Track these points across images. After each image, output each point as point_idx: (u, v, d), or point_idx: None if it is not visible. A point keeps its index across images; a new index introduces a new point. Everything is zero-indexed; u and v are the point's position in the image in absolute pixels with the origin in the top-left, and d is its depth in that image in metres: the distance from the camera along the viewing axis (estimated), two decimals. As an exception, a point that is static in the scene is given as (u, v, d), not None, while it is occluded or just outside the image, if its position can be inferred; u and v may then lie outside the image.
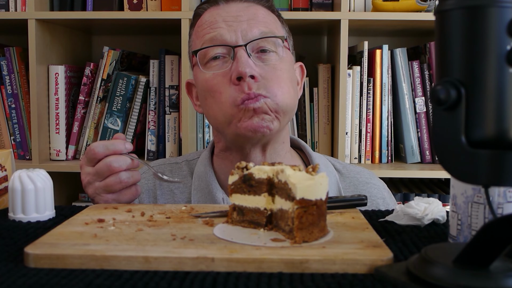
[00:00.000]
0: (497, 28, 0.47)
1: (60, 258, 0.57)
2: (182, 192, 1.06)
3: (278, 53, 0.98)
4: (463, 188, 0.63)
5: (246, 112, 0.93)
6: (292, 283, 0.52)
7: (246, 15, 0.98)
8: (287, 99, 0.96)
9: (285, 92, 0.96)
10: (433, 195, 1.62)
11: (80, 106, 1.65)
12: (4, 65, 1.63)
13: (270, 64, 0.96)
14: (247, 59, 0.94)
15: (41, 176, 0.78)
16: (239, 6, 1.00)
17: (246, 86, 0.92)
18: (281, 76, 0.96)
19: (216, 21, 0.98)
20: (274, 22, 1.02)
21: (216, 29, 0.97)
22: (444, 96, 0.49)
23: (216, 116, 0.97)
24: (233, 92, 0.93)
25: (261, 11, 1.01)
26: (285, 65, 0.99)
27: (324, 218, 0.64)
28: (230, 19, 0.98)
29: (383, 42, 1.61)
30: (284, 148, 1.05)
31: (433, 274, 0.50)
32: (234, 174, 0.70)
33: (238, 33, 0.96)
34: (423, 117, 1.60)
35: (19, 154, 1.67)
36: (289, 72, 0.99)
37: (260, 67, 0.95)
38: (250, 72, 0.92)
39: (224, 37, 0.96)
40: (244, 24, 0.97)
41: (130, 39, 1.93)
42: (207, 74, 0.97)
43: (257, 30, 0.97)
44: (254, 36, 0.96)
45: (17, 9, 1.65)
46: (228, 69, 0.95)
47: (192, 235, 0.64)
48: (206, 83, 0.97)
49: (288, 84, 0.98)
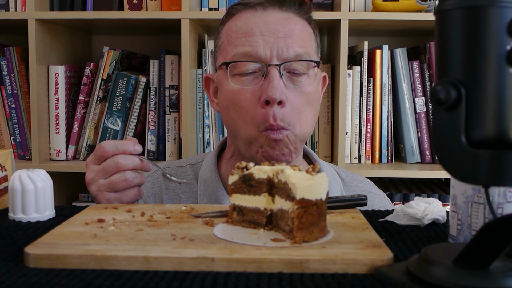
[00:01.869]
0: (497, 28, 0.47)
1: (60, 258, 0.57)
2: (189, 196, 1.06)
3: (309, 74, 0.97)
4: (463, 188, 0.63)
5: (269, 141, 0.93)
6: (292, 283, 0.52)
7: (284, 30, 0.95)
8: (306, 128, 0.97)
9: (305, 122, 0.96)
10: (433, 195, 1.62)
11: (80, 106, 1.65)
12: (4, 65, 1.63)
13: (299, 88, 0.95)
14: (279, 80, 0.92)
15: (41, 176, 0.78)
16: (277, 16, 0.96)
17: (272, 116, 0.91)
18: (305, 101, 0.96)
19: (253, 33, 0.94)
20: (309, 39, 0.99)
21: (252, 44, 0.94)
22: (444, 96, 0.49)
23: (238, 131, 0.97)
24: (259, 115, 0.93)
25: (298, 26, 0.97)
26: (312, 88, 0.97)
27: (324, 218, 0.64)
28: (268, 33, 0.94)
29: (383, 42, 1.61)
30: (298, 160, 1.06)
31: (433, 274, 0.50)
32: (234, 174, 0.70)
33: (274, 51, 0.93)
34: (423, 117, 1.60)
35: (19, 154, 1.67)
36: (314, 94, 0.99)
37: (288, 89, 0.94)
38: (279, 98, 0.91)
39: (259, 54, 0.93)
40: (281, 42, 0.94)
41: (130, 39, 1.93)
42: (235, 87, 0.95)
43: (292, 51, 0.94)
44: (289, 57, 0.94)
45: (17, 9, 1.65)
46: (258, 86, 0.93)
47: (192, 235, 0.64)
48: (233, 95, 0.95)
49: (309, 109, 0.97)
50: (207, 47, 1.62)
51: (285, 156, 0.95)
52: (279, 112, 0.92)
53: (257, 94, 0.93)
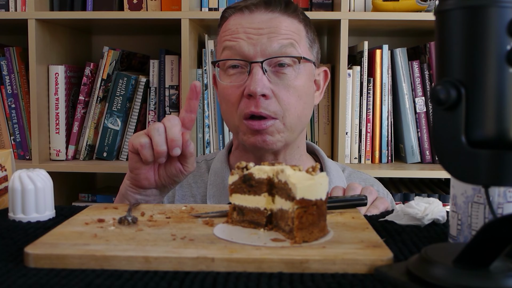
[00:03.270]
0: (497, 28, 0.47)
1: (60, 258, 0.57)
2: (199, 186, 1.12)
3: (295, 68, 1.00)
4: (463, 188, 0.63)
5: (250, 130, 0.99)
6: (292, 283, 0.52)
7: (268, 27, 0.99)
8: (295, 118, 1.00)
9: (294, 111, 1.00)
10: (433, 195, 1.62)
11: (80, 106, 1.65)
12: (4, 65, 1.63)
13: (285, 81, 0.99)
14: (261, 76, 0.97)
15: (41, 176, 0.78)
16: (263, 17, 1.01)
17: (254, 105, 0.97)
18: (293, 94, 1.00)
19: (237, 31, 1.00)
20: (297, 32, 1.03)
21: (237, 40, 1.00)
22: (444, 96, 0.49)
23: (228, 123, 1.06)
24: (242, 105, 0.99)
25: (284, 23, 1.01)
26: (300, 81, 1.01)
27: (324, 218, 0.64)
28: (251, 31, 0.99)
29: (383, 42, 1.61)
30: (299, 152, 1.10)
31: (433, 274, 0.50)
32: (234, 174, 0.70)
33: (257, 48, 0.98)
34: (423, 117, 1.60)
35: (19, 154, 1.67)
36: (303, 87, 1.02)
37: (274, 84, 0.98)
38: (261, 92, 0.96)
39: (242, 50, 0.99)
40: (264, 38, 0.99)
41: (130, 39, 1.93)
42: (224, 84, 1.03)
43: (277, 44, 0.98)
44: (273, 51, 0.98)
45: (17, 9, 1.65)
46: (243, 82, 0.99)
47: (192, 235, 0.64)
48: (223, 91, 1.03)
49: (299, 101, 1.01)
50: (207, 47, 1.62)
51: (268, 144, 0.99)
52: (263, 102, 0.97)
53: (242, 88, 1.00)
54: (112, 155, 1.65)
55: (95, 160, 1.67)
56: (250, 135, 0.99)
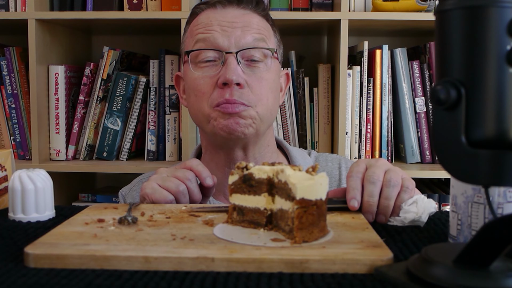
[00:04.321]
0: (497, 28, 0.47)
1: (60, 258, 0.57)
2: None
3: (266, 63, 1.04)
4: (463, 188, 0.63)
5: (222, 114, 0.99)
6: (292, 283, 0.52)
7: (241, 22, 1.03)
8: (266, 109, 1.03)
9: (266, 102, 1.02)
10: (433, 195, 1.62)
11: (80, 106, 1.65)
12: (4, 65, 1.63)
13: (257, 74, 1.02)
14: (236, 66, 0.99)
15: (41, 176, 0.78)
16: (235, 13, 1.04)
17: (228, 93, 0.98)
18: (265, 86, 1.02)
19: (211, 24, 1.02)
20: (267, 30, 1.07)
21: (211, 32, 1.02)
22: (444, 96, 0.49)
23: (197, 114, 1.04)
24: (215, 94, 0.99)
25: (256, 19, 1.05)
26: (271, 75, 1.04)
27: (324, 218, 0.64)
28: (225, 24, 1.02)
29: (383, 42, 1.61)
30: (269, 150, 1.11)
31: (433, 274, 0.50)
32: (234, 174, 0.70)
33: (231, 39, 1.01)
34: (423, 117, 1.60)
35: (19, 154, 1.67)
36: (274, 81, 1.06)
37: (247, 75, 1.01)
38: (236, 80, 0.98)
39: (217, 41, 1.01)
40: (238, 31, 1.01)
41: (130, 39, 1.93)
42: (196, 74, 1.02)
43: (250, 37, 1.01)
44: (246, 43, 1.01)
45: (17, 9, 1.65)
46: (216, 73, 1.00)
47: (192, 235, 0.64)
48: (194, 82, 1.02)
49: (270, 94, 1.04)
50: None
51: (241, 126, 0.99)
52: (237, 91, 0.99)
53: (215, 79, 1.00)
54: (112, 155, 1.65)
55: (95, 160, 1.67)
56: (222, 119, 0.99)
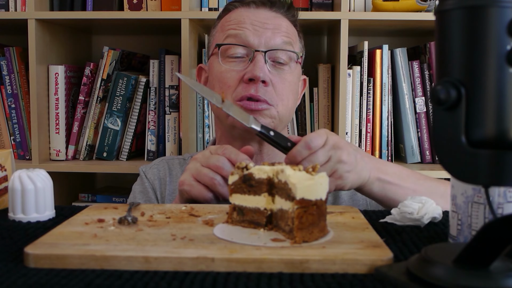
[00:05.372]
0: (497, 28, 0.47)
1: (60, 258, 0.57)
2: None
3: (291, 66, 1.08)
4: (463, 188, 0.63)
5: (245, 110, 1.01)
6: (292, 283, 0.52)
7: (272, 24, 1.07)
8: (286, 110, 1.07)
9: (286, 103, 1.06)
10: (433, 195, 1.62)
11: (80, 106, 1.65)
12: (4, 65, 1.63)
13: (281, 75, 1.06)
14: (263, 64, 1.03)
15: (41, 176, 0.78)
16: (267, 14, 1.09)
17: (254, 89, 1.01)
18: (287, 87, 1.07)
19: (244, 22, 1.07)
20: (294, 35, 1.12)
21: (242, 29, 1.06)
22: (444, 96, 0.49)
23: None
24: (240, 89, 1.03)
25: (285, 23, 1.10)
26: (293, 78, 1.09)
27: (324, 218, 0.64)
28: (257, 24, 1.06)
29: (383, 42, 1.61)
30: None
31: (433, 274, 0.50)
32: (234, 174, 0.70)
33: (261, 39, 1.05)
34: (423, 117, 1.60)
35: (19, 154, 1.67)
36: (295, 85, 1.10)
37: (272, 75, 1.05)
38: (263, 77, 1.01)
39: (248, 39, 1.05)
40: (268, 32, 1.06)
41: (130, 39, 1.93)
42: (223, 67, 1.06)
43: (279, 39, 1.06)
44: (275, 44, 1.05)
45: (17, 9, 1.65)
46: (243, 68, 1.04)
47: (192, 235, 0.64)
48: (220, 74, 1.06)
49: (291, 96, 1.08)
50: (207, 47, 1.62)
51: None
52: (262, 88, 1.02)
53: (241, 74, 1.04)
54: (112, 155, 1.65)
55: (95, 160, 1.67)
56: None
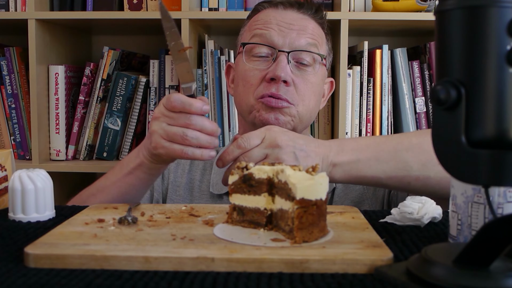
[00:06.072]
0: (497, 28, 0.47)
1: (60, 258, 0.57)
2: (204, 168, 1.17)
3: (315, 67, 1.09)
4: (463, 188, 0.63)
5: (266, 107, 1.03)
6: (292, 283, 0.52)
7: (298, 25, 1.08)
8: (307, 110, 1.08)
9: (307, 103, 1.07)
10: (433, 195, 1.62)
11: (80, 106, 1.65)
12: (4, 65, 1.63)
13: (304, 76, 1.07)
14: (286, 64, 1.04)
15: (41, 176, 0.78)
16: (294, 16, 1.10)
17: (275, 88, 1.03)
18: (310, 88, 1.07)
19: (270, 22, 1.08)
20: (321, 37, 1.13)
21: (268, 29, 1.08)
22: (444, 96, 0.49)
23: (241, 103, 1.09)
24: (261, 87, 1.05)
25: (312, 25, 1.11)
26: (316, 80, 1.09)
27: (324, 218, 0.64)
28: (283, 24, 1.08)
29: (383, 42, 1.61)
30: None
31: (433, 274, 0.50)
32: (234, 174, 0.70)
33: (286, 39, 1.06)
34: (423, 117, 1.60)
35: (19, 154, 1.67)
36: (318, 86, 1.11)
37: (295, 75, 1.06)
38: (284, 77, 1.03)
39: (272, 39, 1.06)
40: (293, 33, 1.07)
41: (130, 39, 1.93)
42: (247, 66, 1.08)
43: (304, 40, 1.07)
44: (299, 45, 1.06)
45: (17, 9, 1.65)
46: (266, 68, 1.06)
47: (192, 235, 0.64)
48: (244, 73, 1.08)
49: (313, 97, 1.09)
50: (207, 47, 1.62)
51: (279, 122, 1.04)
52: (283, 87, 1.03)
53: (264, 73, 1.05)
54: (112, 155, 1.65)
55: (95, 160, 1.67)
56: (264, 112, 1.04)
